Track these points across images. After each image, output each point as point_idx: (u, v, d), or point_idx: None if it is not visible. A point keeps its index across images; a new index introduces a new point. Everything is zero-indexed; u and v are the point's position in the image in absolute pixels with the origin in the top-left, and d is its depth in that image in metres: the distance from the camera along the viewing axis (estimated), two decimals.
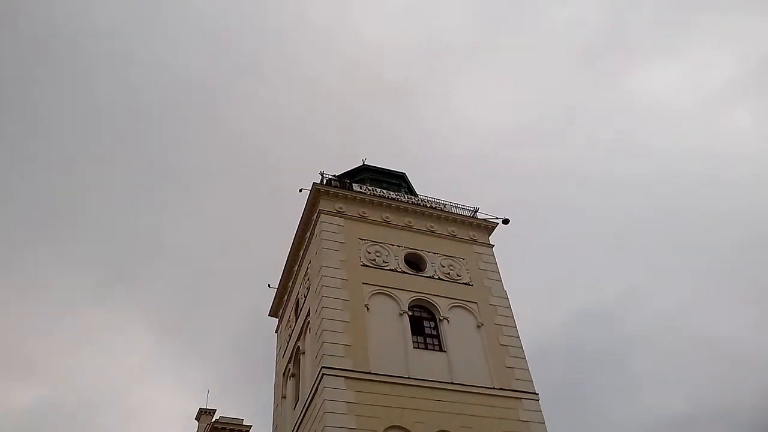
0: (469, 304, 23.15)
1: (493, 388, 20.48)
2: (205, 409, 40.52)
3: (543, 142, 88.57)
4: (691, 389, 69.21)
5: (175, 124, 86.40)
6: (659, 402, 68.76)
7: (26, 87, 78.73)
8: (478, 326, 22.50)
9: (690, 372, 71.21)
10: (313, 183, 25.35)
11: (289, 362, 25.20)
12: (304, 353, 23.10)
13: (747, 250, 69.59)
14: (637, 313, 75.04)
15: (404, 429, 18.20)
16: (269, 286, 29.29)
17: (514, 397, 20.40)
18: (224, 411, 43.98)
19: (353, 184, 26.49)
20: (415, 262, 24.16)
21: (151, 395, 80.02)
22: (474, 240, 26.10)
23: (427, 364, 20.53)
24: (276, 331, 29.84)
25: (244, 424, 38.00)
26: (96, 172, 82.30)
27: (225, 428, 37.27)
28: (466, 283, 24.00)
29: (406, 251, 24.22)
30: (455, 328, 22.17)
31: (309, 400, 19.73)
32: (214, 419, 38.45)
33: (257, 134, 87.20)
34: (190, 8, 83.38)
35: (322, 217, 24.21)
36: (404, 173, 30.04)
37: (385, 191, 26.63)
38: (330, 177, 26.38)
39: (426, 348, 21.29)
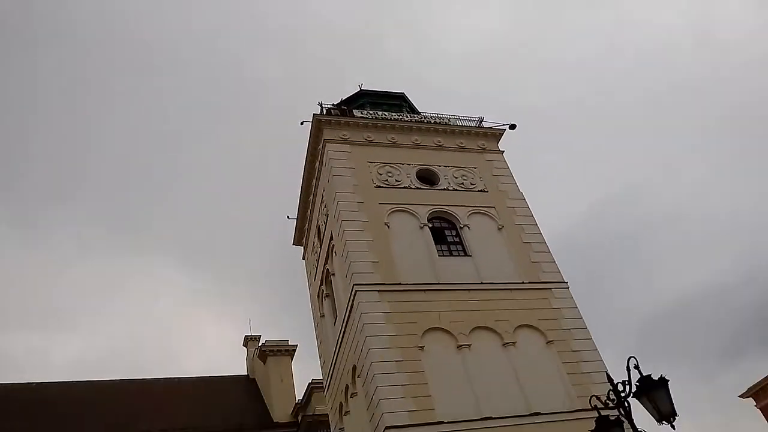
0: (488, 209, 23.21)
1: (522, 283, 20.80)
2: (251, 335, 42.57)
3: (533, 39, 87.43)
4: (714, 264, 70.84)
5: (181, 66, 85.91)
6: (669, 285, 71.10)
7: (30, 67, 77.72)
8: (499, 228, 22.63)
9: (713, 247, 72.80)
10: (314, 114, 25.01)
11: (321, 284, 25.59)
12: (334, 275, 23.42)
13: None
14: (647, 200, 76.25)
15: (443, 329, 18.62)
16: (288, 217, 29.50)
17: (545, 288, 20.75)
18: (268, 336, 46.35)
19: (354, 110, 26.12)
20: (428, 178, 24.06)
21: (195, 331, 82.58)
22: (483, 149, 25.89)
23: (454, 269, 20.79)
24: (303, 258, 30.19)
25: (289, 344, 39.60)
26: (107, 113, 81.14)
27: (273, 350, 38.87)
28: (481, 190, 23.98)
29: (417, 168, 24.07)
30: (477, 233, 22.30)
31: (347, 315, 20.12)
32: (260, 344, 40.05)
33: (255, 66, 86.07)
34: None
35: (328, 146, 24.01)
36: (403, 93, 29.54)
37: (386, 113, 26.27)
38: (329, 106, 26.00)
39: (451, 255, 21.50)
